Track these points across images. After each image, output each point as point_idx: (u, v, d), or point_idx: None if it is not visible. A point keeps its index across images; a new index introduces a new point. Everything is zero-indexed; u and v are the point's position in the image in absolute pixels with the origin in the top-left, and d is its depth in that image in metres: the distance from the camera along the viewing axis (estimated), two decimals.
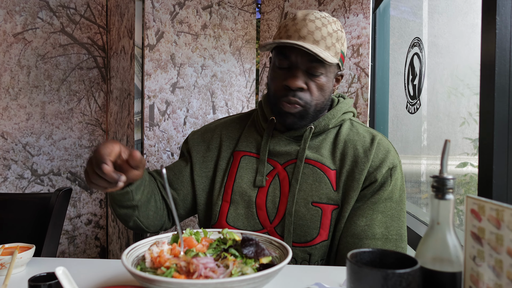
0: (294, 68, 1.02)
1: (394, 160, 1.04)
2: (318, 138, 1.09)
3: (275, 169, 1.08)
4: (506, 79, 0.76)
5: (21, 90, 2.20)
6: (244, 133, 1.15)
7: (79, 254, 2.34)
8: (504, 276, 0.48)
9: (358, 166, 1.02)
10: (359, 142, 1.06)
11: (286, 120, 1.04)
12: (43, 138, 2.25)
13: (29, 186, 2.22)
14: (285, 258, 0.71)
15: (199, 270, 0.66)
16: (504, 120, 0.77)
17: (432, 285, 0.56)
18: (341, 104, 1.12)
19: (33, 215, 1.37)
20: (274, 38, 1.07)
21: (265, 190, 1.06)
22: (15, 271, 0.88)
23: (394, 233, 1.01)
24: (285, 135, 1.09)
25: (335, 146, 1.07)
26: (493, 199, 0.77)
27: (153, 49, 1.85)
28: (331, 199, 1.02)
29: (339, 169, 1.04)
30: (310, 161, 1.05)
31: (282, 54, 1.02)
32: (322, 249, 1.02)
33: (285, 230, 1.02)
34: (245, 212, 1.07)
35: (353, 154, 1.04)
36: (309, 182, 1.03)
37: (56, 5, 2.25)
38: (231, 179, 1.09)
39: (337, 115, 1.09)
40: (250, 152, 1.11)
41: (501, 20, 0.76)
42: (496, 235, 0.49)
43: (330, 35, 1.01)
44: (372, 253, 0.60)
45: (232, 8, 1.99)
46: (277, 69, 1.05)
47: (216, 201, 1.10)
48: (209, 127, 1.22)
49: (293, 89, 1.01)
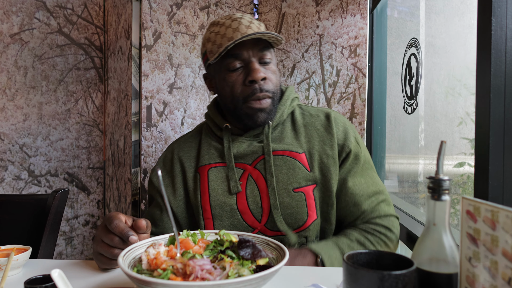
0: (249, 62, 1.03)
1: (353, 129, 1.12)
2: (277, 130, 1.11)
3: (245, 171, 1.08)
4: (502, 80, 0.76)
5: (18, 90, 2.19)
6: (202, 147, 1.14)
7: (76, 255, 2.33)
8: (499, 277, 0.48)
9: (326, 144, 1.07)
10: (317, 122, 1.11)
11: (256, 118, 1.05)
12: (40, 139, 2.24)
13: (26, 187, 2.21)
14: (282, 260, 0.71)
15: (196, 272, 0.66)
16: (500, 120, 0.77)
17: (428, 286, 0.56)
18: (287, 92, 1.15)
19: (30, 216, 1.36)
20: (212, 51, 1.06)
21: (243, 194, 1.06)
22: (11, 273, 0.88)
23: (378, 187, 1.10)
24: (244, 137, 1.10)
25: (296, 132, 1.10)
26: (489, 199, 0.77)
27: (150, 50, 1.85)
28: (308, 180, 1.05)
29: (308, 151, 1.07)
30: (278, 152, 1.07)
31: (232, 56, 1.03)
32: (315, 228, 1.06)
33: (277, 223, 1.04)
34: (231, 222, 1.07)
35: (317, 135, 1.09)
36: (284, 171, 1.05)
37: (53, 6, 2.24)
38: (205, 195, 1.08)
39: (287, 104, 1.12)
40: (215, 163, 1.10)
41: (497, 21, 0.76)
42: (492, 236, 0.49)
43: (260, 25, 1.07)
44: (369, 254, 0.60)
45: (230, 9, 1.99)
46: (231, 73, 1.05)
47: (199, 222, 1.09)
48: (165, 157, 1.20)
49: (257, 82, 1.02)
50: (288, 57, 1.94)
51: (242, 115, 1.06)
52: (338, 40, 1.86)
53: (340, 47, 1.86)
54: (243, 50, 1.02)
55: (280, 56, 1.96)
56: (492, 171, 0.76)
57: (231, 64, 1.04)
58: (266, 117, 1.05)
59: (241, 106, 1.05)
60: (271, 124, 1.08)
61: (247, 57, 1.03)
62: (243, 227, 1.07)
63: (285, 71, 1.95)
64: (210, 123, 1.16)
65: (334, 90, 1.86)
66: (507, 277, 0.47)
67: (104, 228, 0.85)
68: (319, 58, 1.89)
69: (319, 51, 1.89)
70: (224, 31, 1.04)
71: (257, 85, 1.02)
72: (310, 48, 1.90)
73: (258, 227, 1.06)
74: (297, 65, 1.93)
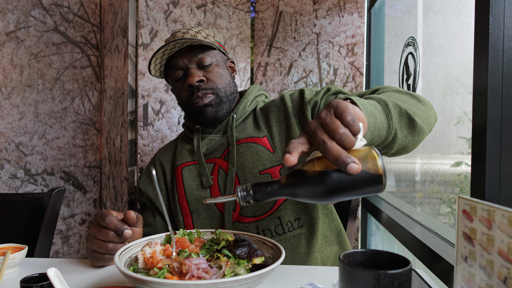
0: (187, 69, 1.11)
1: (303, 88, 1.13)
2: (240, 123, 1.16)
3: (215, 164, 1.13)
4: (499, 79, 0.76)
5: (14, 89, 2.18)
6: (177, 150, 1.21)
7: (73, 254, 2.33)
8: (495, 276, 0.48)
9: (283, 122, 1.10)
10: (272, 105, 1.15)
11: (205, 113, 1.11)
12: (36, 138, 2.24)
13: (23, 186, 2.21)
14: (278, 259, 0.71)
15: (192, 271, 0.66)
16: (497, 119, 0.77)
17: None
18: (250, 89, 1.22)
19: (26, 215, 1.35)
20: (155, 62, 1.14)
21: (216, 187, 1.11)
22: (7, 272, 0.87)
23: None
24: (213, 134, 1.16)
25: (256, 120, 1.15)
26: (486, 199, 0.77)
27: (147, 48, 1.84)
28: (273, 161, 1.08)
29: (269, 133, 1.11)
30: (241, 140, 1.12)
31: (171, 67, 1.13)
32: (288, 207, 1.07)
33: (248, 208, 1.08)
34: (208, 214, 1.12)
35: (274, 117, 1.12)
36: (249, 157, 1.09)
37: (49, 4, 2.23)
38: (181, 192, 1.14)
39: (250, 98, 1.18)
40: (187, 162, 1.16)
41: (494, 20, 0.76)
42: (488, 236, 0.49)
43: (199, 32, 1.15)
44: (365, 253, 0.60)
45: (227, 7, 1.99)
46: (176, 83, 1.15)
47: (177, 219, 1.15)
48: (150, 165, 1.27)
49: (195, 85, 1.09)
50: (285, 55, 1.94)
51: (194, 115, 1.14)
52: (335, 39, 1.86)
53: (337, 46, 1.86)
54: (178, 59, 1.11)
55: (277, 55, 1.95)
56: (489, 170, 0.76)
57: (174, 75, 1.13)
58: (215, 110, 1.12)
59: (190, 108, 1.13)
60: (235, 116, 1.14)
61: (184, 65, 1.11)
62: (219, 217, 1.11)
63: (282, 70, 1.95)
64: (185, 129, 1.24)
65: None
66: (503, 276, 0.47)
67: (97, 225, 0.87)
68: (316, 57, 1.89)
69: (316, 50, 1.89)
70: (165, 43, 1.12)
71: (195, 88, 1.10)
72: (307, 47, 1.90)
73: (234, 216, 1.09)
74: (294, 64, 1.92)
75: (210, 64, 1.12)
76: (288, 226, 1.07)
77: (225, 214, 1.09)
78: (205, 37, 1.15)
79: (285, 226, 1.07)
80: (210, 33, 1.18)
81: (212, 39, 1.17)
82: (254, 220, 1.08)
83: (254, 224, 1.08)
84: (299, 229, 1.07)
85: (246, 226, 1.09)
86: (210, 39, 1.15)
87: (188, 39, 1.06)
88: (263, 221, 1.08)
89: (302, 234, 1.07)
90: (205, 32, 1.17)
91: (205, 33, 1.16)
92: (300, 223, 1.08)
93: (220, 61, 1.15)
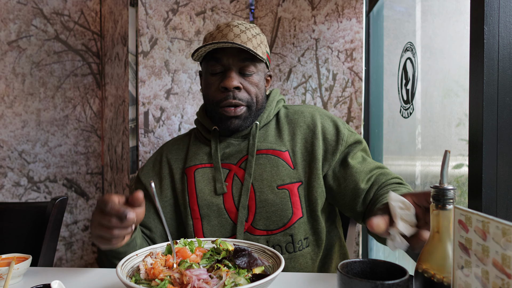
0: (227, 70, 1.07)
1: (341, 121, 1.14)
2: (262, 130, 1.14)
3: (231, 171, 1.11)
4: (495, 88, 0.77)
5: (16, 98, 2.20)
6: (190, 149, 1.17)
7: (76, 261, 2.34)
8: (490, 287, 0.49)
9: (309, 142, 1.10)
10: (301, 119, 1.13)
11: (230, 125, 1.09)
12: (39, 145, 2.25)
13: (26, 194, 2.22)
14: (278, 268, 0.72)
15: (193, 281, 0.67)
16: (493, 128, 0.78)
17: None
18: (273, 94, 1.19)
19: (29, 224, 1.37)
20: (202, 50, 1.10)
21: (229, 194, 1.09)
22: (12, 282, 0.88)
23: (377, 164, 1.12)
24: (232, 138, 1.13)
25: (280, 131, 1.13)
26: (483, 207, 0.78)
27: (147, 56, 1.85)
28: (293, 177, 1.07)
29: (292, 149, 1.10)
30: (262, 151, 1.10)
31: (213, 59, 1.07)
32: (301, 226, 1.07)
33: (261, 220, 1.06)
34: (219, 221, 1.09)
35: (300, 133, 1.11)
36: (268, 169, 1.07)
37: (50, 12, 2.25)
38: (193, 195, 1.11)
39: (273, 105, 1.16)
40: (201, 164, 1.13)
41: (489, 30, 0.77)
42: (483, 246, 0.50)
43: (254, 37, 1.09)
44: (363, 263, 0.61)
45: (226, 14, 2.00)
46: (211, 75, 1.10)
47: (187, 222, 1.11)
48: (156, 159, 1.23)
49: (230, 90, 1.05)
50: (284, 61, 1.95)
51: (217, 118, 1.11)
52: (334, 44, 1.87)
53: (336, 51, 1.87)
54: (224, 56, 1.07)
55: (276, 61, 1.97)
56: (486, 179, 0.77)
57: (212, 67, 1.08)
58: (240, 124, 1.09)
59: (217, 110, 1.09)
60: (259, 124, 1.12)
61: (227, 64, 1.07)
62: (230, 226, 1.09)
63: (281, 75, 1.96)
64: (200, 127, 1.19)
65: (331, 94, 1.87)
66: (497, 287, 0.47)
67: (99, 212, 0.83)
68: (315, 62, 1.90)
69: (315, 55, 1.90)
70: (216, 34, 1.09)
71: (230, 92, 1.06)
72: (306, 52, 1.91)
73: (246, 227, 1.08)
74: (294, 69, 1.93)
75: (251, 74, 1.09)
76: (299, 245, 1.07)
77: (238, 224, 1.07)
78: (258, 44, 1.10)
79: (297, 244, 1.07)
80: (264, 42, 1.14)
81: (264, 48, 1.13)
82: (265, 234, 1.07)
83: (265, 238, 1.07)
84: (306, 248, 1.08)
85: (256, 238, 1.07)
86: (262, 48, 1.11)
87: (245, 48, 1.02)
88: (275, 236, 1.06)
89: (308, 254, 1.08)
90: (260, 39, 1.12)
91: (260, 39, 1.11)
92: (307, 243, 1.08)
93: (261, 74, 1.13)
